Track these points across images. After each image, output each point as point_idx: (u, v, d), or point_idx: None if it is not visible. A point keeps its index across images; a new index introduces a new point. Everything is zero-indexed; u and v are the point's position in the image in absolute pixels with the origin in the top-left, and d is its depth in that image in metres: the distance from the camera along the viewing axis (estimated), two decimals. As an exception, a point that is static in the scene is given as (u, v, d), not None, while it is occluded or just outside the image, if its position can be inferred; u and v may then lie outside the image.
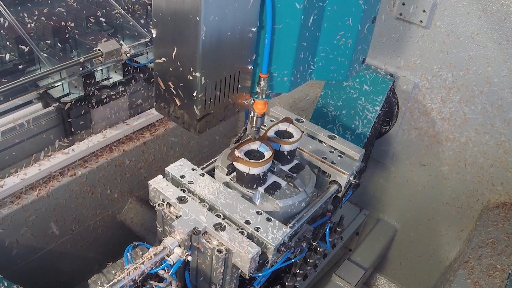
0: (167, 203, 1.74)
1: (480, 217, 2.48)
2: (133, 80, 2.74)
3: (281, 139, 1.89)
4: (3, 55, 2.48)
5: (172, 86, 1.43)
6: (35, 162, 2.33)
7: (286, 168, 1.94)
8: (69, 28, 2.68)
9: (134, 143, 2.69)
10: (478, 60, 2.27)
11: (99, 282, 1.93)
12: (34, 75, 2.24)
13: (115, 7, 2.90)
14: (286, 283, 2.11)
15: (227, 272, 1.66)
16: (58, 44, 2.65)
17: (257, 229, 1.61)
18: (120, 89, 2.67)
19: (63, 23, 2.67)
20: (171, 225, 1.62)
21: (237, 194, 1.76)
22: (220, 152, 1.99)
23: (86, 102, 2.52)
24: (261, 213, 1.68)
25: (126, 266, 1.48)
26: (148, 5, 3.03)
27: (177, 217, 1.66)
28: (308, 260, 2.13)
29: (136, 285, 1.48)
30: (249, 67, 1.51)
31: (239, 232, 1.61)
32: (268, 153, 1.76)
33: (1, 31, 2.52)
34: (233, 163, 1.77)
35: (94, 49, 2.38)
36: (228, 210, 1.67)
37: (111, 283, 1.41)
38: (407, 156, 2.79)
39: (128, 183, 2.80)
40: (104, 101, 2.59)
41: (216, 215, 1.67)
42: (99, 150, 2.56)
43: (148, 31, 2.79)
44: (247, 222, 1.63)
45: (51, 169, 2.34)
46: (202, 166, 1.97)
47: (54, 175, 2.36)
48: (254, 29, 1.42)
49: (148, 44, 2.76)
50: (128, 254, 1.62)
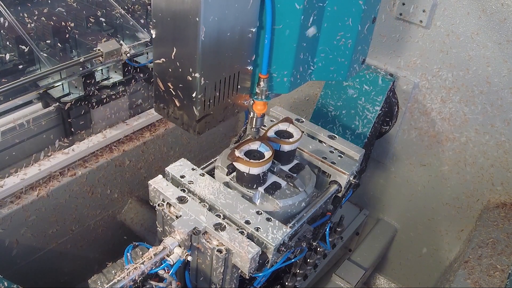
0: (167, 203, 1.74)
1: (480, 217, 2.48)
2: (133, 80, 2.74)
3: (281, 139, 1.89)
4: (3, 55, 2.48)
5: (172, 87, 1.43)
6: (35, 162, 2.33)
7: (286, 168, 1.94)
8: (69, 28, 2.68)
9: (134, 143, 2.69)
10: (478, 60, 2.26)
11: (99, 282, 1.93)
12: (34, 75, 2.24)
13: (115, 7, 2.90)
14: (286, 283, 2.11)
15: (227, 272, 1.66)
16: (58, 44, 2.65)
17: (257, 229, 1.61)
18: (120, 89, 2.67)
19: (63, 23, 2.67)
20: (171, 225, 1.62)
21: (237, 194, 1.76)
22: (220, 152, 1.99)
23: (86, 102, 2.52)
24: (261, 213, 1.68)
25: (126, 266, 1.48)
26: (148, 5, 3.03)
27: (177, 217, 1.66)
28: (308, 260, 2.13)
29: (136, 285, 1.48)
30: (249, 68, 1.50)
31: (239, 232, 1.61)
32: (268, 153, 1.76)
33: (1, 31, 2.52)
34: (233, 163, 1.77)
35: (94, 49, 2.38)
36: (228, 210, 1.67)
37: (111, 283, 1.41)
38: (407, 156, 2.79)
39: (128, 183, 2.80)
40: (104, 101, 2.59)
41: (216, 215, 1.67)
42: (99, 150, 2.56)
43: (148, 31, 2.79)
44: (247, 222, 1.63)
45: (51, 169, 2.34)
46: (202, 166, 1.97)
47: (54, 175, 2.37)
48: (254, 30, 1.41)
49: (148, 44, 2.76)
50: (128, 254, 1.62)
